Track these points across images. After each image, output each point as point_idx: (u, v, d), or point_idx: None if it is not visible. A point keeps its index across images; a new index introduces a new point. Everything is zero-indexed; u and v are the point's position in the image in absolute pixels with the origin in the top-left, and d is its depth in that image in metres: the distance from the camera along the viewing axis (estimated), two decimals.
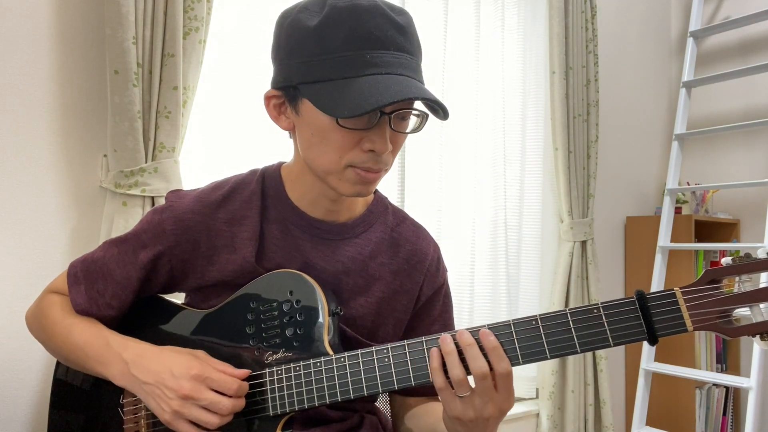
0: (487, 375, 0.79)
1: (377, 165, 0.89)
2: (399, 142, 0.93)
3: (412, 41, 0.88)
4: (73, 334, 0.97)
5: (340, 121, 0.85)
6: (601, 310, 0.79)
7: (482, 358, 0.80)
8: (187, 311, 1.02)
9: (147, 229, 1.00)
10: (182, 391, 0.84)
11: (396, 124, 0.88)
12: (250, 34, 1.72)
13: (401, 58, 0.86)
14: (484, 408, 0.80)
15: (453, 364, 0.80)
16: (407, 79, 0.85)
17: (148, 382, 0.87)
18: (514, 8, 2.31)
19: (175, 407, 0.84)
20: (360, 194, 0.93)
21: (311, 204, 1.00)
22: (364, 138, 0.87)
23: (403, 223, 1.10)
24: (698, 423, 2.63)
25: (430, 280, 1.09)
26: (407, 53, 0.87)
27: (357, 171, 0.89)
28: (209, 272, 0.99)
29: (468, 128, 2.18)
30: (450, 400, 0.82)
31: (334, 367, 0.88)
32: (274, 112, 0.95)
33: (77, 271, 1.02)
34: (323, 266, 1.00)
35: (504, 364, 0.80)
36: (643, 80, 3.04)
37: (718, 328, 0.74)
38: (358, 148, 0.88)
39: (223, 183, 1.03)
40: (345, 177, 0.91)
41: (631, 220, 2.89)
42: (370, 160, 0.89)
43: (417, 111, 0.90)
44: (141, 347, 0.92)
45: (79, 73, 1.46)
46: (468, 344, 0.80)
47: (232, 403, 0.86)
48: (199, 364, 0.87)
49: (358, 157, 0.88)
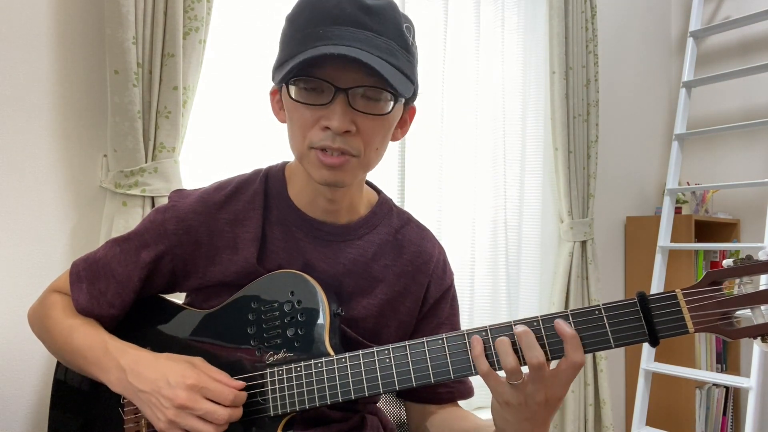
0: (543, 365, 0.77)
1: (334, 143, 0.87)
2: (371, 127, 0.89)
3: (382, 22, 0.87)
4: (73, 337, 0.96)
5: (294, 95, 0.88)
6: (602, 311, 0.79)
7: (538, 346, 0.78)
8: (188, 311, 1.02)
9: (149, 228, 1.00)
10: (178, 400, 0.84)
11: (361, 104, 0.87)
12: (250, 34, 1.72)
13: (359, 34, 0.85)
14: (537, 393, 0.78)
15: (505, 351, 0.79)
16: (352, 50, 0.83)
17: (144, 390, 0.86)
18: (514, 8, 2.31)
19: (171, 416, 0.84)
20: (329, 182, 0.90)
21: (310, 203, 1.00)
22: (322, 116, 0.87)
23: (407, 225, 1.09)
24: (698, 423, 2.63)
25: (437, 283, 1.09)
26: (372, 31, 0.86)
27: (316, 153, 0.88)
28: (211, 272, 0.99)
29: (468, 128, 2.18)
30: (498, 385, 0.80)
31: (335, 367, 0.87)
32: (276, 106, 0.98)
33: (79, 270, 1.02)
34: (324, 268, 1.00)
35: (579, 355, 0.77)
36: (643, 80, 3.03)
37: (719, 330, 0.74)
38: (316, 127, 0.88)
39: (226, 183, 1.03)
40: (310, 160, 0.90)
41: (631, 220, 2.89)
42: (327, 138, 0.87)
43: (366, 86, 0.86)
44: (138, 354, 0.91)
45: (79, 73, 1.46)
46: (523, 331, 0.78)
47: (228, 412, 0.85)
48: (195, 374, 0.86)
49: (317, 135, 0.88)
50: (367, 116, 0.88)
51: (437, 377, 0.84)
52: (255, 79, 1.71)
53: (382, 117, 0.90)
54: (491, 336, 0.81)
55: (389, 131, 0.95)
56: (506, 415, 0.82)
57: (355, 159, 0.90)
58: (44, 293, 1.07)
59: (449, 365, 0.84)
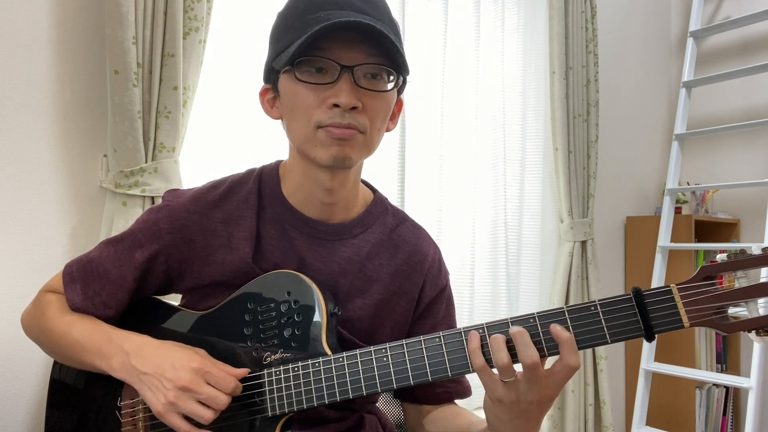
0: (537, 365, 0.77)
1: (344, 120, 0.88)
2: (374, 105, 0.91)
3: (378, 9, 0.91)
4: (72, 330, 0.96)
5: (298, 75, 0.89)
6: (598, 307, 0.79)
7: (533, 346, 0.78)
8: (184, 312, 1.02)
9: (143, 228, 1.00)
10: (181, 382, 0.84)
11: (364, 82, 0.89)
12: (251, 34, 1.72)
13: (359, 17, 0.86)
14: (529, 392, 0.79)
15: (498, 348, 0.79)
16: (365, 17, 0.87)
17: (147, 372, 0.87)
18: (514, 8, 2.32)
19: (171, 398, 0.84)
20: (337, 158, 0.90)
21: (305, 201, 1.00)
22: (329, 95, 0.88)
23: (402, 224, 1.09)
24: (698, 423, 2.63)
25: (432, 282, 1.08)
26: (370, 16, 0.88)
27: (326, 129, 0.89)
28: (206, 272, 0.99)
29: (468, 128, 2.18)
30: (490, 381, 0.80)
31: (333, 367, 0.87)
32: (267, 105, 0.99)
33: (72, 271, 1.02)
34: (319, 267, 1.00)
35: (575, 358, 0.77)
36: (643, 80, 3.04)
37: (714, 324, 0.74)
38: (323, 106, 0.89)
39: (219, 182, 1.03)
40: (318, 140, 0.90)
41: (631, 220, 2.89)
42: (337, 115, 0.88)
43: (371, 64, 0.89)
44: (142, 339, 0.92)
45: (79, 73, 1.46)
46: (518, 331, 0.79)
47: (228, 399, 0.86)
48: (200, 359, 0.87)
49: (325, 114, 0.88)
50: (372, 93, 0.90)
51: (435, 375, 0.84)
52: (255, 80, 1.70)
53: (384, 95, 0.92)
54: (488, 333, 0.82)
55: (389, 112, 0.96)
56: (498, 412, 0.83)
57: (362, 136, 0.91)
58: (37, 295, 1.07)
59: (446, 363, 0.84)
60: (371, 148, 0.95)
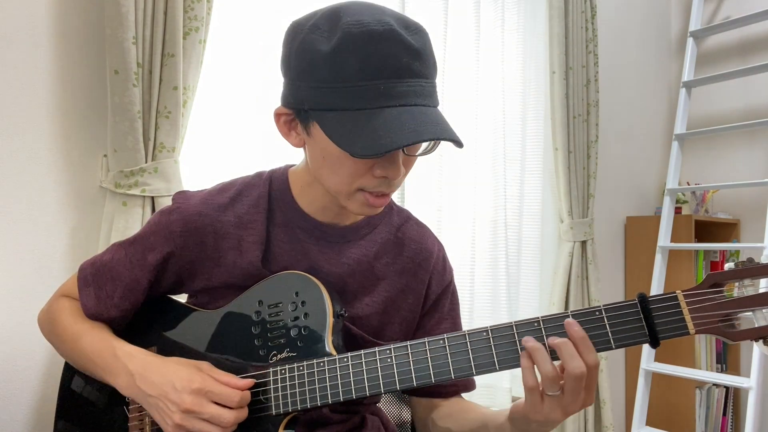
0: (584, 375, 0.76)
1: (389, 189, 0.90)
2: (410, 164, 0.92)
3: (428, 63, 0.85)
4: (81, 342, 0.98)
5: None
6: (603, 312, 0.79)
7: (579, 357, 0.76)
8: (193, 311, 1.03)
9: (155, 231, 1.00)
10: (184, 405, 0.84)
11: (408, 149, 0.88)
12: (251, 34, 1.72)
13: (416, 86, 0.83)
14: (570, 406, 0.78)
15: (543, 359, 0.78)
16: (423, 112, 0.82)
17: (151, 395, 0.88)
18: (514, 8, 2.31)
19: (178, 420, 0.85)
20: (367, 214, 0.94)
21: (320, 210, 1.01)
22: (376, 164, 0.87)
23: (407, 222, 1.11)
24: (698, 423, 2.63)
25: (438, 279, 1.10)
26: (422, 78, 0.84)
27: (367, 195, 0.90)
28: (216, 273, 1.00)
29: (468, 128, 2.18)
30: (538, 401, 0.79)
31: (337, 367, 0.88)
32: (285, 128, 0.93)
33: (87, 274, 1.03)
34: (329, 269, 1.01)
35: (594, 356, 0.77)
36: (643, 80, 3.04)
37: (720, 332, 0.74)
38: (369, 174, 0.88)
39: (229, 185, 1.04)
40: (354, 198, 0.91)
41: (631, 220, 2.89)
42: (382, 184, 0.89)
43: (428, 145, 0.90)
44: (146, 359, 0.92)
45: (79, 73, 1.46)
46: (562, 342, 0.77)
47: (234, 415, 0.86)
48: (201, 378, 0.87)
49: (370, 182, 0.88)
50: (413, 157, 0.91)
51: (438, 377, 0.84)
52: (255, 80, 1.70)
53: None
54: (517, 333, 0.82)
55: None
56: (533, 427, 0.82)
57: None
58: (52, 298, 1.09)
59: (450, 365, 0.84)
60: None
